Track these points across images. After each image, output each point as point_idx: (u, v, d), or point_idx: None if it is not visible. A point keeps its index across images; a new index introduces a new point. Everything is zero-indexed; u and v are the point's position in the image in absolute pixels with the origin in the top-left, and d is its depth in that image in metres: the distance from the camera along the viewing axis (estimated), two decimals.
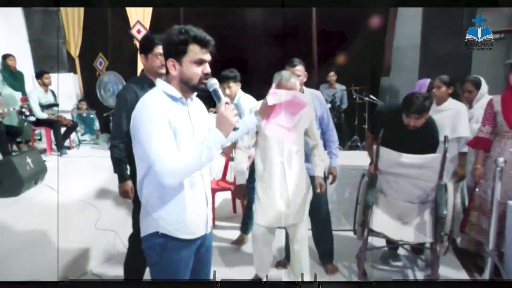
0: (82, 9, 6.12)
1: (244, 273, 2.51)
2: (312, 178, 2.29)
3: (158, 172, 1.22)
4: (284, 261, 2.71)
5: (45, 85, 5.15)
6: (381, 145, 2.42)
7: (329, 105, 4.96)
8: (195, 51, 1.28)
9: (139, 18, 6.32)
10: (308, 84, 2.58)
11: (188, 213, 1.35)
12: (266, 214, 2.18)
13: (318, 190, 2.23)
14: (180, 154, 1.24)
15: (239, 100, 3.05)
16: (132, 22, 6.30)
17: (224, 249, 2.99)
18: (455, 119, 2.82)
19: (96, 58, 6.54)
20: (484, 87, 3.09)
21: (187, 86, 1.31)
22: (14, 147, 4.87)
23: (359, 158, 3.58)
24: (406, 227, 2.38)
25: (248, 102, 3.00)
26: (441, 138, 2.46)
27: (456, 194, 2.42)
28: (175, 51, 1.29)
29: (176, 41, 1.27)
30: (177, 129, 1.28)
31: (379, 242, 2.68)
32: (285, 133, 1.90)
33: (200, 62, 1.29)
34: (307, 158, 2.33)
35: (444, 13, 4.25)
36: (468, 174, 2.96)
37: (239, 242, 3.08)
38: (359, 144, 5.37)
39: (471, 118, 3.01)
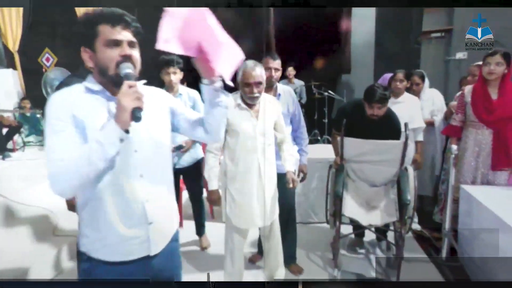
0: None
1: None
2: (280, 175, 2.19)
3: (47, 176, 1.01)
4: (256, 256, 2.71)
5: None
6: (346, 136, 2.52)
7: None
8: (104, 31, 1.07)
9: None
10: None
11: (109, 230, 1.12)
12: (244, 217, 2.06)
13: (291, 185, 2.10)
14: (70, 155, 1.01)
15: (185, 90, 2.71)
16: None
17: (193, 253, 2.89)
18: (411, 111, 3.02)
19: (41, 54, 6.04)
20: (426, 80, 3.34)
21: (105, 77, 1.10)
22: None
23: (322, 151, 3.69)
24: (373, 211, 2.50)
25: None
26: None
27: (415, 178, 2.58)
28: (85, 37, 1.09)
29: (83, 24, 1.09)
30: (87, 126, 1.06)
31: (348, 230, 2.80)
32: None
33: (115, 44, 1.07)
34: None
35: (394, 13, 4.50)
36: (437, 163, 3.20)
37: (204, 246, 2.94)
38: (319, 138, 5.53)
39: (422, 109, 3.24)
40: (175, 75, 2.58)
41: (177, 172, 2.51)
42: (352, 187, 2.60)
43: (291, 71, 5.78)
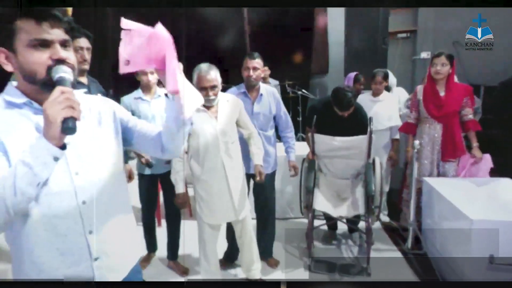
0: None
1: None
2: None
3: None
4: (224, 262, 2.67)
5: None
6: (317, 133, 2.66)
7: None
8: (27, 28, 0.88)
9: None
10: (241, 78, 2.51)
11: (43, 272, 0.95)
12: (213, 213, 2.15)
13: (258, 178, 2.22)
14: None
15: (163, 92, 2.59)
16: None
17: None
18: (391, 110, 3.25)
19: None
20: (393, 79, 3.56)
21: (34, 84, 0.91)
22: None
23: (296, 149, 3.83)
24: (343, 204, 2.66)
25: None
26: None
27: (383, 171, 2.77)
28: (3, 36, 0.89)
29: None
30: (8, 148, 0.88)
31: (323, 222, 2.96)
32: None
33: (43, 44, 0.89)
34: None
35: (362, 12, 4.70)
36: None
37: (147, 260, 2.74)
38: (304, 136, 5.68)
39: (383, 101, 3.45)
40: (153, 75, 2.45)
41: (154, 177, 2.56)
42: (324, 181, 2.75)
43: (266, 70, 5.88)
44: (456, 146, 2.77)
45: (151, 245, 2.74)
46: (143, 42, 0.95)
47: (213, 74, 2.03)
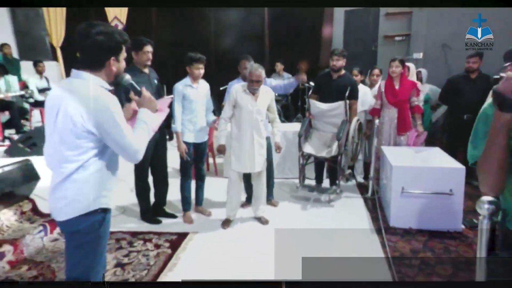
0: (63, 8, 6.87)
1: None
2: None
3: (130, 154, 1.48)
4: (245, 203, 3.68)
5: (39, 73, 6.03)
6: (315, 98, 3.87)
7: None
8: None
9: (116, 14, 7.26)
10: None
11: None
12: (240, 162, 3.10)
13: (278, 151, 3.33)
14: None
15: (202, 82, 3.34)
16: (110, 17, 7.22)
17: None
18: (364, 97, 4.38)
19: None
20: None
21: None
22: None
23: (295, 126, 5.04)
24: (325, 148, 3.81)
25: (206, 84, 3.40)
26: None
27: (356, 132, 3.87)
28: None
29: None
30: None
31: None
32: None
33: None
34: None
35: (357, 20, 5.76)
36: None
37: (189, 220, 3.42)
38: (301, 120, 6.88)
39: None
40: (202, 70, 3.19)
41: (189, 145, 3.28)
42: (316, 134, 3.93)
43: (279, 65, 7.11)
44: (406, 124, 3.90)
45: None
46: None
47: (259, 72, 2.95)
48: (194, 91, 3.22)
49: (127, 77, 1.61)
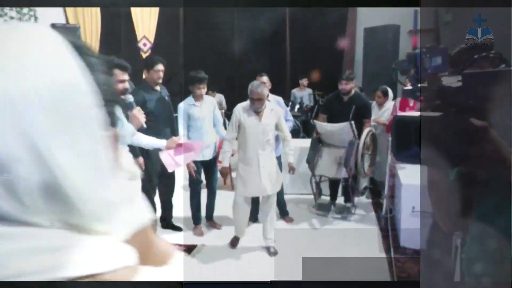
0: (99, 25, 7.28)
1: None
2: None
3: None
4: (249, 222, 3.44)
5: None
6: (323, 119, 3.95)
7: (298, 105, 6.54)
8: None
9: (145, 33, 7.66)
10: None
11: None
12: (246, 187, 2.93)
13: (291, 173, 3.16)
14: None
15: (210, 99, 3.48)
16: (139, 36, 7.64)
17: None
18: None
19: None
20: (390, 93, 4.63)
21: None
22: None
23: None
24: (337, 166, 3.77)
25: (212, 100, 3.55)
26: None
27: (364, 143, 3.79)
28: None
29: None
30: None
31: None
32: (172, 164, 2.69)
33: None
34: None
35: (376, 36, 5.76)
36: None
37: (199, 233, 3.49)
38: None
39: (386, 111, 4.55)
40: (204, 89, 3.31)
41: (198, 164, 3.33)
42: (326, 151, 3.90)
43: (304, 81, 7.18)
44: None
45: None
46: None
47: (260, 91, 2.82)
48: (198, 109, 3.28)
49: (130, 96, 2.23)
